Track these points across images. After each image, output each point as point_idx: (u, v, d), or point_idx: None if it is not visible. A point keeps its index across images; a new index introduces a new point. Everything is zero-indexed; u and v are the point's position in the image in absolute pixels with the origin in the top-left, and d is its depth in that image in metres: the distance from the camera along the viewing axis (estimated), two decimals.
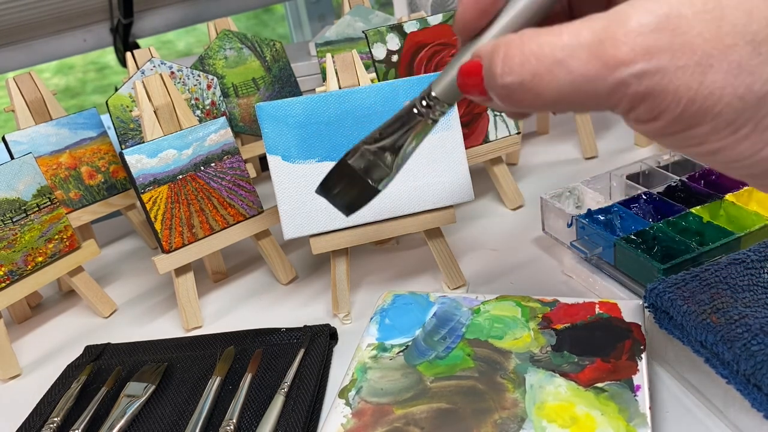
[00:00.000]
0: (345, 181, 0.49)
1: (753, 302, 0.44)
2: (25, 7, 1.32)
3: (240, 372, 0.54)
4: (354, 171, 0.48)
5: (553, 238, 0.65)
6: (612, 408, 0.42)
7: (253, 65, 0.83)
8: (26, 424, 0.52)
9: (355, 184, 0.49)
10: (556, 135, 0.94)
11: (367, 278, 0.67)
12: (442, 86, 0.41)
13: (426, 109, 0.43)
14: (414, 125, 0.44)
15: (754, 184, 0.31)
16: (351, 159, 0.47)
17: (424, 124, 0.44)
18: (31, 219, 0.62)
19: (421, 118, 0.43)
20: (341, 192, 0.50)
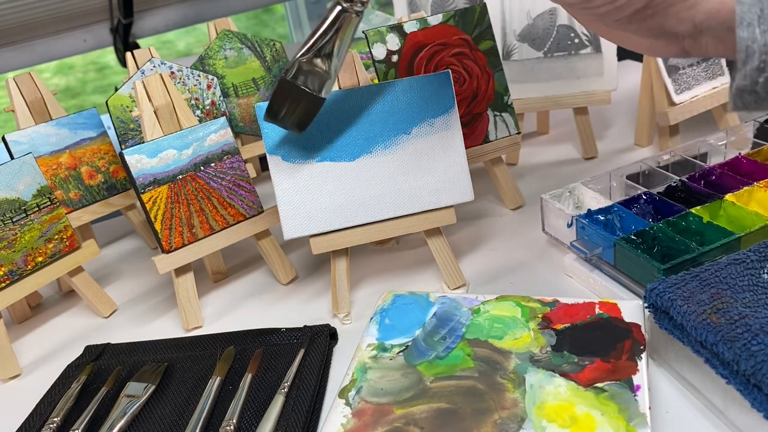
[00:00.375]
0: (289, 99, 0.49)
1: (753, 302, 0.44)
2: (25, 7, 1.32)
3: (240, 372, 0.54)
4: (295, 86, 0.48)
5: (553, 238, 0.65)
6: (612, 408, 0.42)
7: (253, 65, 0.83)
8: (26, 424, 0.52)
9: (299, 99, 0.49)
10: (556, 135, 0.94)
11: (367, 278, 0.67)
12: None
13: (349, 3, 0.44)
14: (340, 23, 0.45)
15: (631, 27, 0.38)
16: (289, 75, 0.48)
17: (349, 19, 0.45)
18: (31, 219, 0.62)
19: (346, 13, 0.45)
20: (288, 111, 0.50)
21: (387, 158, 0.59)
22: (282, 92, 0.50)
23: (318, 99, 0.50)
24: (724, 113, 0.82)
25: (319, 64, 0.47)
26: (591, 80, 0.82)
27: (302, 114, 0.51)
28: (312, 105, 0.50)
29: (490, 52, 0.70)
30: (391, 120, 0.59)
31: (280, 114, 0.51)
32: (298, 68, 0.48)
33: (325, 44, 0.46)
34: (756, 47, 0.33)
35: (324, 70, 0.48)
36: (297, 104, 0.50)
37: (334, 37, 0.46)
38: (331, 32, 0.46)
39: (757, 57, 0.33)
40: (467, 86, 0.69)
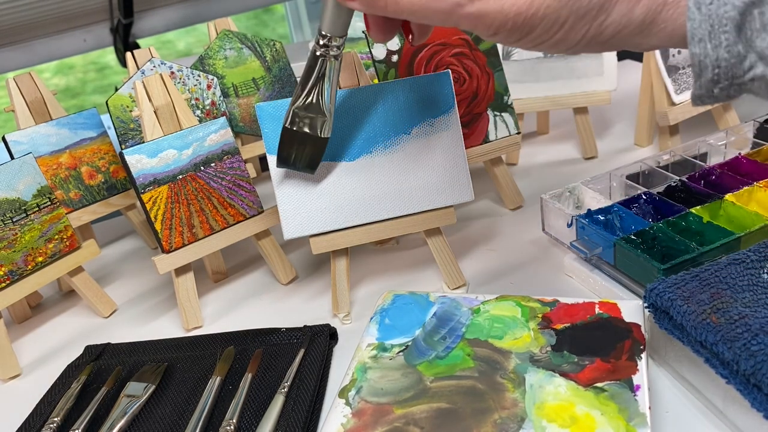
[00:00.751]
0: (295, 145, 0.54)
1: (753, 302, 0.44)
2: (25, 7, 1.32)
3: (240, 372, 0.54)
4: (296, 132, 0.53)
5: (553, 238, 0.65)
6: (612, 408, 0.42)
7: (253, 65, 0.83)
8: (26, 424, 0.52)
9: (303, 143, 0.54)
10: (556, 135, 0.94)
11: (367, 278, 0.67)
12: (327, 22, 0.46)
13: (325, 48, 0.48)
14: (322, 69, 0.49)
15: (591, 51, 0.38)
16: (289, 124, 0.53)
17: (330, 62, 0.49)
18: (31, 219, 0.62)
19: (324, 57, 0.48)
20: (297, 155, 0.55)
21: (387, 158, 0.59)
22: (286, 140, 0.54)
23: (320, 140, 0.54)
24: (724, 113, 0.82)
25: (312, 109, 0.52)
26: (591, 80, 0.82)
27: (309, 156, 0.55)
28: (316, 146, 0.54)
29: (490, 52, 0.70)
30: (391, 120, 0.59)
31: (290, 160, 0.55)
32: (295, 116, 0.52)
33: (313, 90, 0.50)
34: (708, 62, 0.34)
35: (318, 113, 0.52)
36: (303, 148, 0.54)
37: (319, 82, 0.50)
38: (315, 78, 0.50)
39: (710, 70, 0.34)
40: (467, 86, 0.69)
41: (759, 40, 0.33)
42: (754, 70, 0.34)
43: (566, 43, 0.37)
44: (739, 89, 0.35)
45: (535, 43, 0.37)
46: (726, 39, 0.33)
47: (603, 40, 0.36)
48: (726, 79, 0.34)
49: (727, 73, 0.34)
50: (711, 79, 0.35)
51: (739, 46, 0.33)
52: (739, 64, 0.34)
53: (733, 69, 0.34)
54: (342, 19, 0.46)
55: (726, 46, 0.34)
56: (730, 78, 0.34)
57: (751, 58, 0.34)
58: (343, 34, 0.47)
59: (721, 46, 0.34)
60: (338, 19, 0.45)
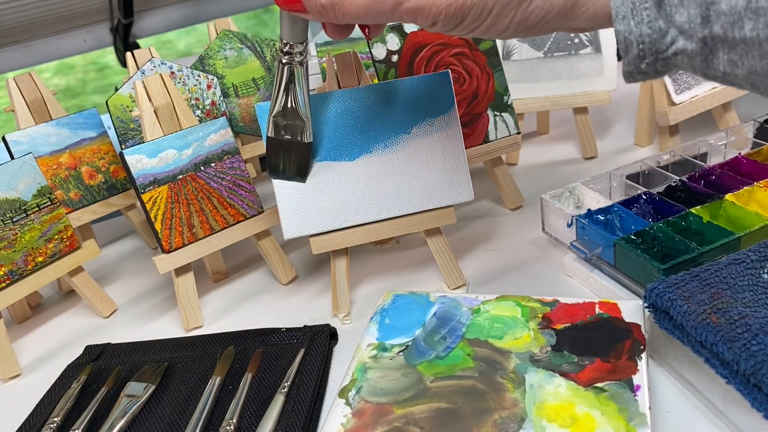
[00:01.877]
0: (281, 153, 0.55)
1: (753, 302, 0.44)
2: (25, 7, 1.32)
3: (240, 372, 0.54)
4: (279, 140, 0.54)
5: (553, 238, 0.65)
6: (612, 408, 0.42)
7: (253, 65, 0.83)
8: (26, 424, 0.52)
9: (288, 150, 0.55)
10: (556, 135, 0.94)
11: (367, 278, 0.67)
12: (286, 32, 0.48)
13: (288, 56, 0.50)
14: (289, 76, 0.51)
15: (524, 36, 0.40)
16: (271, 133, 0.54)
17: (296, 68, 0.50)
18: (31, 219, 0.62)
19: (290, 64, 0.50)
20: (285, 164, 0.56)
21: (387, 158, 0.59)
22: (272, 149, 0.55)
23: (304, 145, 0.55)
24: (724, 113, 0.82)
25: (290, 115, 0.53)
26: (591, 80, 0.82)
27: (297, 162, 0.56)
28: (301, 151, 0.56)
29: (490, 52, 0.70)
30: (391, 120, 0.59)
31: (279, 168, 0.56)
32: (276, 124, 0.54)
33: (287, 97, 0.52)
34: (633, 38, 0.36)
35: (296, 119, 0.54)
36: (289, 155, 0.56)
37: (290, 89, 0.52)
38: (284, 86, 0.52)
39: (635, 46, 0.36)
40: (467, 86, 0.69)
41: (677, 15, 0.35)
42: (676, 45, 0.35)
43: (496, 29, 0.39)
44: (666, 64, 0.36)
45: (469, 29, 0.40)
46: (647, 15, 0.35)
47: (531, 25, 0.39)
48: (651, 54, 0.36)
49: (651, 48, 0.36)
50: (637, 55, 0.36)
51: (660, 22, 0.35)
52: (661, 39, 0.35)
53: (656, 44, 0.36)
54: (299, 27, 0.48)
55: (648, 22, 0.35)
56: (655, 53, 0.36)
57: (672, 33, 0.35)
58: (302, 40, 0.49)
59: (644, 22, 0.35)
60: (295, 27, 0.48)
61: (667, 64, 0.37)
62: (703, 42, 0.35)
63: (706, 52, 0.35)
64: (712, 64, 0.35)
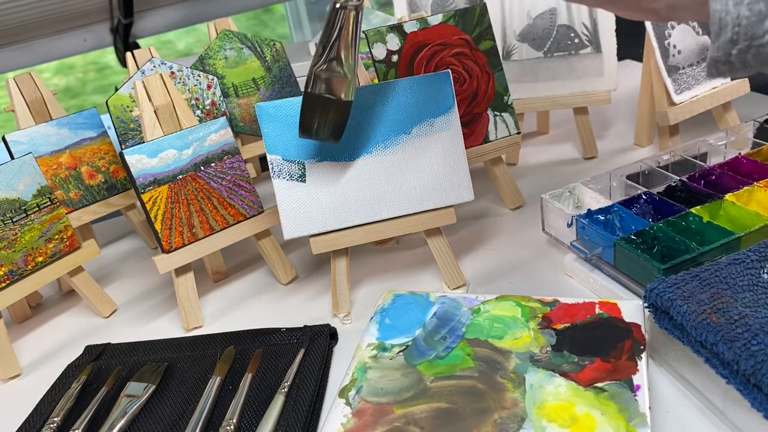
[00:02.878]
0: (318, 111, 0.50)
1: (753, 302, 0.44)
2: (25, 7, 1.32)
3: (240, 372, 0.54)
4: (320, 97, 0.49)
5: (553, 238, 0.65)
6: (612, 408, 0.42)
7: (253, 65, 0.83)
8: (26, 424, 0.52)
9: (326, 108, 0.50)
10: (556, 135, 0.94)
11: (367, 278, 0.67)
12: None
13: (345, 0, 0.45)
14: (342, 22, 0.46)
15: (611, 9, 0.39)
16: (311, 88, 0.49)
17: (349, 15, 0.46)
18: (31, 219, 0.62)
19: (344, 10, 0.46)
20: (320, 123, 0.51)
21: (387, 158, 0.59)
22: (309, 106, 0.50)
23: (344, 103, 0.50)
24: (724, 113, 0.82)
25: (334, 68, 0.48)
26: (591, 80, 0.82)
27: (333, 122, 0.52)
28: (340, 111, 0.51)
29: (490, 52, 0.70)
30: (391, 120, 0.59)
31: (313, 128, 0.51)
32: (316, 78, 0.48)
33: (333, 47, 0.47)
34: (729, 19, 0.34)
35: (341, 74, 0.48)
36: (326, 114, 0.51)
37: (339, 37, 0.47)
38: (335, 33, 0.47)
39: (730, 29, 0.34)
40: (467, 86, 0.69)
41: None
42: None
43: None
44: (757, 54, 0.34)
45: None
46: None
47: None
48: (745, 39, 0.34)
49: (747, 32, 0.34)
50: (730, 39, 0.34)
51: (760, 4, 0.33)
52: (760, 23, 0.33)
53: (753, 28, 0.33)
54: None
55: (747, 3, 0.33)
56: (749, 38, 0.34)
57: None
58: None
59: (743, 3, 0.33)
60: None
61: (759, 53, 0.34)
62: None
63: None
64: None
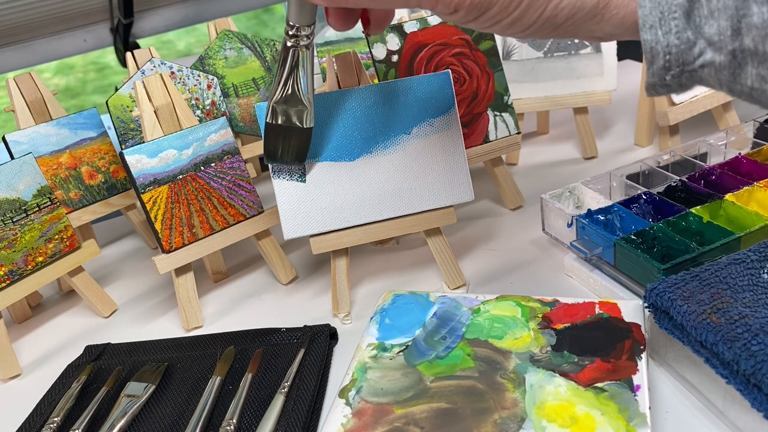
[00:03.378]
0: (280, 138, 0.54)
1: (753, 302, 0.44)
2: (25, 7, 1.32)
3: (240, 372, 0.54)
4: (280, 126, 0.53)
5: (553, 238, 0.65)
6: (612, 408, 0.42)
7: (253, 65, 0.83)
8: (26, 424, 0.52)
9: (288, 136, 0.54)
10: (556, 135, 0.94)
11: (367, 278, 0.67)
12: (293, 13, 0.46)
13: (294, 39, 0.48)
14: (294, 60, 0.49)
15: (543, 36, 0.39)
16: (270, 119, 0.53)
17: (301, 51, 0.49)
18: (31, 219, 0.62)
19: (296, 47, 0.49)
20: (284, 149, 0.55)
21: (387, 158, 0.59)
22: (271, 135, 0.54)
23: (304, 130, 0.54)
24: (724, 113, 0.82)
25: (291, 101, 0.52)
26: (591, 80, 0.82)
27: (296, 148, 0.55)
28: (301, 137, 0.55)
29: (490, 52, 0.70)
30: (391, 120, 0.59)
31: (277, 154, 0.55)
32: (274, 111, 0.53)
33: (288, 81, 0.51)
34: (659, 48, 0.35)
35: (298, 104, 0.52)
36: (288, 141, 0.55)
37: (293, 73, 0.50)
38: (288, 70, 0.50)
39: (662, 57, 0.35)
40: (467, 86, 0.69)
41: (707, 26, 0.34)
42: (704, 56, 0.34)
43: (522, 23, 0.37)
44: (690, 77, 0.36)
45: (492, 22, 0.37)
46: (675, 25, 0.34)
47: (558, 23, 0.37)
48: (677, 65, 0.35)
49: (678, 59, 0.35)
50: (663, 66, 0.35)
51: (688, 33, 0.34)
52: (689, 50, 0.34)
53: (683, 55, 0.35)
54: (307, 9, 0.46)
55: (676, 32, 0.34)
56: (681, 64, 0.35)
57: (700, 44, 0.34)
58: (310, 22, 0.47)
59: (671, 32, 0.34)
60: (303, 8, 0.46)
61: (692, 76, 0.35)
62: (732, 55, 0.34)
63: (735, 66, 0.34)
64: (739, 78, 0.34)
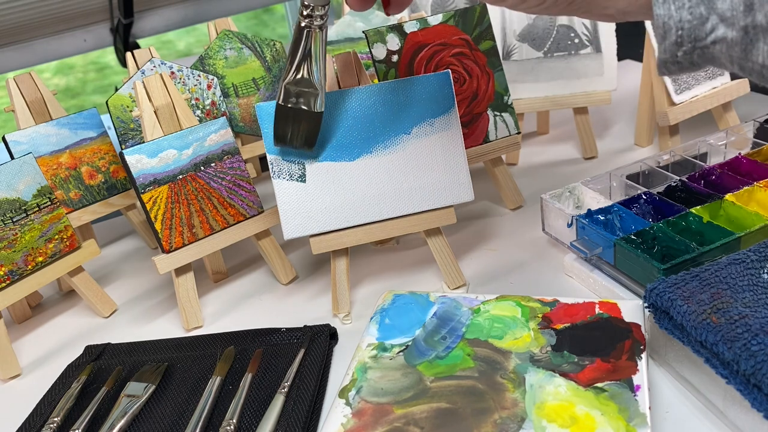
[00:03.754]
0: (290, 121, 0.54)
1: (753, 302, 0.44)
2: (25, 7, 1.32)
3: (240, 372, 0.54)
4: (290, 109, 0.52)
5: (553, 238, 0.65)
6: (612, 408, 0.42)
7: (253, 65, 0.83)
8: (26, 424, 0.52)
9: (298, 119, 0.53)
10: (556, 135, 0.94)
11: (367, 278, 0.67)
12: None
13: (309, 19, 0.48)
14: (308, 39, 0.49)
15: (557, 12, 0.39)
16: (282, 101, 0.52)
17: (315, 32, 0.49)
18: (31, 219, 0.62)
19: (309, 28, 0.48)
20: (293, 133, 0.55)
21: (387, 158, 0.59)
22: (281, 117, 0.53)
23: (314, 114, 0.53)
24: (724, 113, 0.82)
25: (303, 83, 0.51)
26: (591, 80, 0.82)
27: (305, 132, 0.55)
28: (311, 121, 0.54)
29: (490, 52, 0.70)
30: (391, 120, 0.59)
31: (286, 138, 0.55)
32: (287, 91, 0.52)
33: (301, 63, 0.50)
34: (672, 23, 0.35)
35: (310, 87, 0.52)
36: (298, 124, 0.54)
37: (306, 54, 0.50)
38: (302, 51, 0.50)
39: (674, 32, 0.35)
40: (467, 86, 0.69)
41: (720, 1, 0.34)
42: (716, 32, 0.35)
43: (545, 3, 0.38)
44: (702, 54, 0.36)
45: None
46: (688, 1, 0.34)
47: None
48: (689, 41, 0.35)
49: (690, 34, 0.35)
50: (674, 42, 0.36)
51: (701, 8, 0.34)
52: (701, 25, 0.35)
53: (696, 30, 0.35)
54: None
55: (689, 7, 0.34)
56: (693, 40, 0.35)
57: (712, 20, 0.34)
58: (324, 2, 0.47)
59: (684, 7, 0.35)
60: None
61: (704, 53, 0.36)
62: (744, 31, 0.34)
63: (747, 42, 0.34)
64: (750, 55, 0.34)
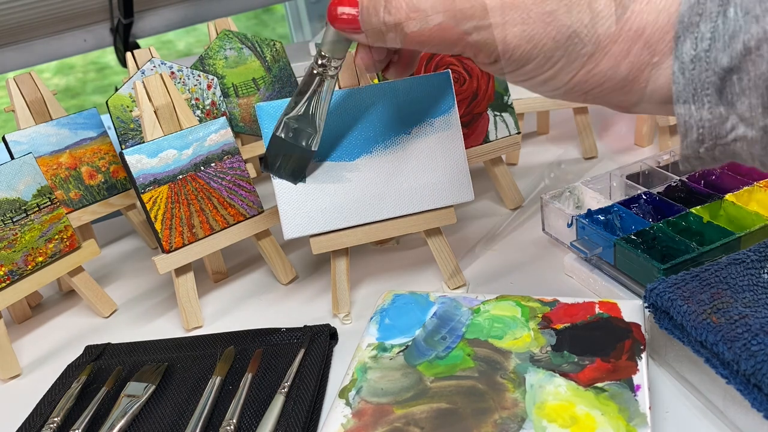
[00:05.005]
0: (282, 153, 0.55)
1: (753, 302, 0.44)
2: (25, 7, 1.32)
3: (240, 372, 0.54)
4: (285, 141, 0.54)
5: (553, 238, 0.65)
6: (612, 408, 0.42)
7: (253, 65, 0.83)
8: (26, 424, 0.52)
9: (290, 152, 0.55)
10: (556, 135, 0.94)
11: (367, 278, 0.67)
12: (327, 45, 0.47)
13: (322, 68, 0.49)
14: (318, 85, 0.51)
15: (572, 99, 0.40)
16: (279, 132, 0.54)
17: (326, 80, 0.50)
18: (31, 219, 0.62)
19: (321, 76, 0.50)
20: (282, 164, 0.56)
21: (387, 158, 0.59)
22: (274, 147, 0.55)
23: (306, 152, 0.55)
24: None
25: (303, 121, 0.53)
26: None
27: (294, 166, 0.56)
28: (302, 158, 0.56)
29: None
30: (391, 120, 0.59)
31: (275, 166, 0.56)
32: (286, 125, 0.53)
33: (306, 105, 0.52)
34: (693, 122, 0.36)
35: (309, 127, 0.53)
36: (289, 157, 0.56)
37: (314, 97, 0.52)
38: (310, 93, 0.51)
39: (695, 130, 0.36)
40: (467, 86, 0.69)
41: (739, 103, 0.34)
42: (736, 131, 0.35)
43: (553, 83, 0.38)
44: (724, 150, 0.36)
45: (526, 77, 0.39)
46: (708, 101, 0.35)
47: (587, 89, 0.38)
48: (710, 138, 0.36)
49: (711, 132, 0.36)
50: (696, 139, 0.36)
51: (720, 108, 0.35)
52: (722, 124, 0.35)
53: (716, 129, 0.35)
54: (342, 45, 0.47)
55: (709, 107, 0.35)
56: (714, 138, 0.36)
57: (732, 119, 0.35)
58: (342, 57, 0.49)
59: (704, 107, 0.35)
60: (338, 43, 0.47)
61: (725, 150, 0.36)
62: (764, 130, 0.34)
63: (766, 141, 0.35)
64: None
